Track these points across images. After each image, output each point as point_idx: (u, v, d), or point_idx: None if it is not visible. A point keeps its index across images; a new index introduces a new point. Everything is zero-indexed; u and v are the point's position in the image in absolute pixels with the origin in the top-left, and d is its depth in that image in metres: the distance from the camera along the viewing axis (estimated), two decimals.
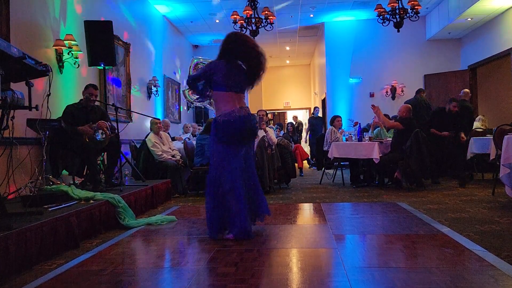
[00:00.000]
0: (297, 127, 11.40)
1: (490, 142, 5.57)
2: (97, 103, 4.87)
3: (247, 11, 7.27)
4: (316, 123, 11.17)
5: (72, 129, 4.41)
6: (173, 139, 7.30)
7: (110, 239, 3.28)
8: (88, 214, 3.34)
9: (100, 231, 3.48)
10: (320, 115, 11.62)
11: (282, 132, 10.21)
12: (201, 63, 6.29)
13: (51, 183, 3.97)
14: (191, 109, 11.49)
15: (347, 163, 7.05)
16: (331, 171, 8.00)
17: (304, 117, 15.90)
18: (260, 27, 7.41)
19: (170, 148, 6.36)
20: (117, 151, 4.79)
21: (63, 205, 3.33)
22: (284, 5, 9.22)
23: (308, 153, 10.30)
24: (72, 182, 4.36)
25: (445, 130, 6.21)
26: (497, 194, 4.91)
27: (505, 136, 4.22)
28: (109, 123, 4.69)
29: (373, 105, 6.26)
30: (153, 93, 8.46)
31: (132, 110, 6.92)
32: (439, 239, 2.94)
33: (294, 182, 7.14)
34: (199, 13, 9.48)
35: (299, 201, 5.09)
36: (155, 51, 8.93)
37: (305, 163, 10.34)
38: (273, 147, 6.04)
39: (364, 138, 6.55)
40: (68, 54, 5.24)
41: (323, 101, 11.77)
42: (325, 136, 7.09)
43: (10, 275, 2.35)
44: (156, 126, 6.23)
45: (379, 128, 7.23)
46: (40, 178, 3.82)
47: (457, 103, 6.39)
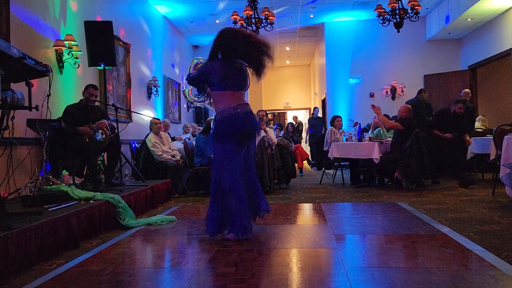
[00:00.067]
0: (297, 127, 11.40)
1: (490, 142, 5.57)
2: (97, 103, 4.88)
3: (247, 12, 7.28)
4: (315, 123, 11.17)
5: (72, 129, 4.41)
6: (173, 139, 7.31)
7: (110, 239, 3.28)
8: (88, 214, 3.34)
9: (100, 231, 3.48)
10: (320, 115, 11.62)
11: (282, 132, 10.21)
12: (201, 63, 6.31)
13: (51, 183, 3.97)
14: (191, 109, 11.49)
15: (347, 163, 7.05)
16: (331, 171, 8.00)
17: (304, 117, 15.90)
18: (260, 27, 7.41)
19: (170, 148, 6.36)
20: (117, 151, 4.79)
21: (63, 205, 3.34)
22: (283, 9, 9.23)
23: (308, 153, 10.29)
24: (72, 182, 4.36)
25: (448, 131, 6.13)
26: (497, 194, 4.91)
27: (505, 136, 4.22)
28: (109, 123, 4.70)
29: (373, 105, 6.28)
30: (153, 93, 8.46)
31: (132, 110, 6.92)
32: (439, 239, 2.93)
33: (294, 182, 7.14)
34: (199, 13, 9.49)
35: (299, 201, 5.09)
36: (155, 51, 8.93)
37: (305, 163, 10.34)
38: (273, 147, 6.04)
39: (364, 138, 6.56)
40: (68, 54, 5.25)
41: (323, 101, 11.78)
42: (325, 136, 7.09)
43: (10, 275, 2.35)
44: (156, 126, 6.23)
45: (379, 128, 7.23)
46: (40, 178, 3.82)
47: (463, 105, 6.24)
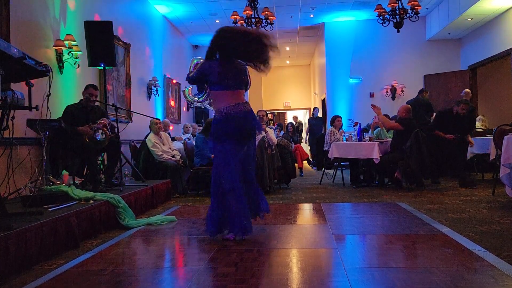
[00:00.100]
0: (297, 127, 11.40)
1: (490, 142, 5.58)
2: (97, 103, 4.88)
3: (247, 11, 7.28)
4: (315, 124, 11.17)
5: (72, 129, 4.41)
6: (173, 139, 7.30)
7: (110, 239, 3.28)
8: (88, 214, 3.34)
9: (100, 231, 3.48)
10: (319, 115, 11.62)
11: (282, 132, 10.21)
12: (201, 63, 6.29)
13: (51, 183, 3.97)
14: (191, 109, 11.49)
15: (347, 163, 7.05)
16: (331, 171, 8.00)
17: (304, 117, 15.90)
18: (260, 27, 7.41)
19: (170, 148, 6.36)
20: (117, 151, 4.79)
21: (63, 205, 3.33)
22: (283, 9, 9.24)
23: (308, 153, 10.30)
24: (72, 182, 4.36)
25: (449, 132, 6.06)
26: (497, 194, 4.91)
27: (505, 136, 4.22)
28: (109, 121, 4.70)
29: (373, 105, 6.26)
30: (153, 93, 8.46)
31: (132, 110, 6.91)
32: (439, 239, 2.93)
33: (294, 182, 7.14)
34: (199, 13, 9.49)
35: (299, 201, 5.09)
36: (155, 51, 8.93)
37: (305, 163, 10.34)
38: (273, 147, 6.04)
39: (364, 138, 6.56)
40: (68, 54, 5.24)
41: (323, 101, 11.78)
42: (325, 136, 7.09)
43: (10, 275, 2.35)
44: (156, 126, 6.23)
45: (379, 128, 7.24)
46: (40, 178, 3.82)
47: (465, 106, 6.11)
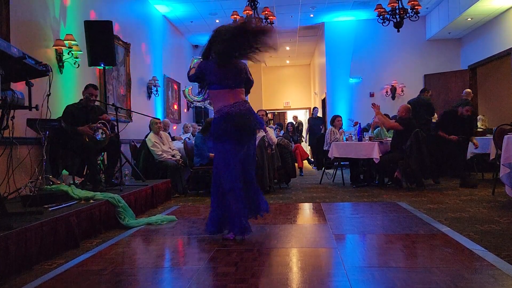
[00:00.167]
0: (297, 127, 11.41)
1: (490, 142, 5.57)
2: (97, 103, 4.88)
3: (247, 11, 7.27)
4: (314, 123, 11.18)
5: (72, 129, 4.41)
6: (172, 139, 7.30)
7: (110, 239, 3.28)
8: (88, 214, 3.35)
9: (100, 231, 3.48)
10: (319, 115, 11.62)
11: (282, 132, 10.21)
12: None
13: (51, 183, 3.97)
14: (191, 108, 11.49)
15: (347, 163, 7.05)
16: (331, 171, 8.00)
17: (304, 117, 15.90)
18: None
19: (170, 148, 6.36)
20: (117, 151, 4.79)
21: (63, 205, 3.34)
22: (282, 9, 9.23)
23: (308, 153, 10.30)
24: (72, 182, 4.36)
25: (453, 133, 6.03)
26: (497, 193, 4.91)
27: (505, 136, 4.22)
28: (109, 122, 4.70)
29: (374, 104, 6.25)
30: (153, 93, 8.46)
31: (132, 110, 6.91)
32: (439, 239, 2.94)
33: (294, 182, 7.14)
34: (199, 13, 9.48)
35: (299, 201, 5.09)
36: (155, 51, 8.93)
37: (306, 162, 10.34)
38: (273, 147, 6.04)
39: (364, 138, 6.55)
40: (68, 54, 5.24)
41: (323, 101, 11.78)
42: (325, 136, 7.10)
43: (10, 274, 2.35)
44: (156, 126, 6.23)
45: (379, 128, 7.23)
46: (40, 178, 3.82)
47: (470, 108, 6.07)
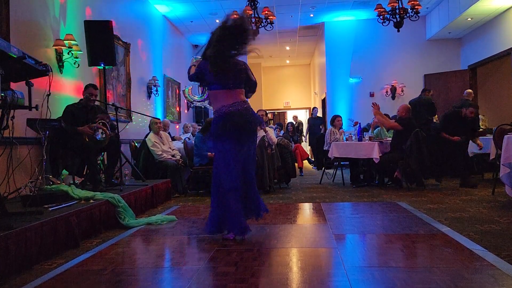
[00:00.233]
0: (297, 127, 11.41)
1: (490, 141, 5.57)
2: (97, 103, 4.87)
3: (247, 11, 7.26)
4: (314, 124, 11.18)
5: (72, 129, 4.41)
6: (172, 139, 7.30)
7: (110, 239, 3.28)
8: (88, 213, 3.35)
9: (100, 230, 3.48)
10: (319, 115, 11.62)
11: (282, 132, 10.22)
12: None
13: (51, 183, 3.97)
14: (191, 108, 11.49)
15: (347, 163, 7.04)
16: (331, 171, 8.00)
17: (304, 117, 15.90)
18: (260, 27, 7.40)
19: (170, 147, 6.36)
20: (117, 151, 4.79)
21: (63, 205, 3.34)
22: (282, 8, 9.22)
23: (308, 153, 10.30)
24: (72, 181, 4.36)
25: (456, 134, 5.97)
26: (497, 193, 4.91)
27: (505, 135, 4.22)
28: (109, 121, 4.70)
29: (374, 103, 6.22)
30: (153, 93, 8.46)
31: (132, 110, 6.92)
32: (439, 239, 2.94)
33: (294, 181, 7.14)
34: (199, 12, 9.48)
35: (299, 200, 5.09)
36: (155, 51, 8.92)
37: (306, 162, 10.34)
38: (273, 147, 6.04)
39: (364, 138, 6.55)
40: (68, 54, 5.24)
41: (323, 101, 11.78)
42: (325, 136, 7.10)
43: (10, 274, 2.35)
44: (156, 126, 6.23)
45: (379, 127, 7.23)
46: (40, 177, 3.82)
47: (474, 109, 5.99)
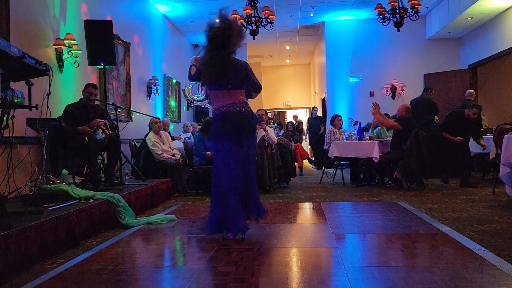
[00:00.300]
0: (297, 126, 11.41)
1: (490, 141, 5.57)
2: (97, 102, 4.87)
3: (247, 10, 7.27)
4: (314, 123, 11.17)
5: (72, 128, 4.41)
6: (172, 139, 7.30)
7: (110, 238, 3.28)
8: (88, 213, 3.35)
9: (100, 230, 3.48)
10: (319, 114, 11.61)
11: (282, 131, 10.21)
12: None
13: (51, 182, 3.97)
14: (191, 108, 11.48)
15: (347, 162, 7.04)
16: (331, 171, 8.00)
17: (304, 117, 15.90)
18: (260, 26, 7.40)
19: (170, 147, 6.36)
20: (117, 150, 4.78)
21: (63, 204, 3.33)
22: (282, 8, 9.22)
23: (308, 152, 10.30)
24: (72, 181, 4.36)
25: (458, 134, 5.93)
26: (497, 193, 4.91)
27: (505, 135, 4.22)
28: (109, 121, 4.70)
29: (374, 103, 6.21)
30: (153, 93, 8.46)
31: (132, 109, 6.92)
32: (439, 238, 2.94)
33: (294, 181, 7.14)
34: (199, 12, 9.47)
35: (299, 200, 5.09)
36: (155, 50, 8.92)
37: (306, 162, 10.33)
38: (273, 146, 6.04)
39: (364, 137, 6.55)
40: (68, 53, 5.24)
41: (323, 101, 11.77)
42: (325, 135, 7.10)
43: (10, 274, 2.35)
44: (156, 125, 6.22)
45: (380, 127, 7.23)
46: (40, 177, 3.81)
47: (477, 110, 5.93)
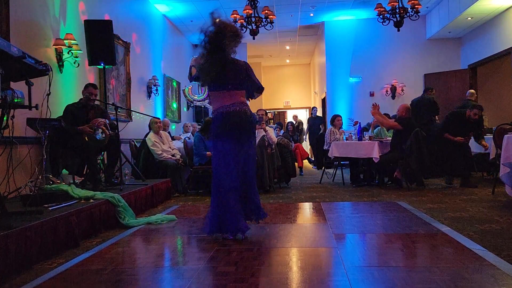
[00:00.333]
0: (297, 126, 11.41)
1: (490, 141, 5.57)
2: (97, 102, 4.87)
3: (247, 10, 7.27)
4: (313, 123, 11.18)
5: (72, 128, 4.41)
6: (172, 139, 7.30)
7: (110, 238, 3.28)
8: (88, 213, 3.35)
9: (100, 230, 3.48)
10: (319, 114, 11.61)
11: (282, 131, 10.21)
12: None
13: (51, 182, 3.97)
14: (191, 108, 11.48)
15: (347, 163, 7.04)
16: (331, 171, 8.00)
17: (304, 117, 15.90)
18: (260, 26, 7.40)
19: (170, 147, 6.36)
20: (117, 150, 4.78)
21: (63, 204, 3.33)
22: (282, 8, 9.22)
23: (308, 152, 10.30)
24: (72, 181, 4.36)
25: (458, 134, 5.90)
26: (497, 193, 4.91)
27: (505, 135, 4.22)
28: (109, 121, 4.70)
29: (374, 104, 6.21)
30: (153, 92, 8.46)
31: (132, 109, 6.92)
32: (439, 238, 2.94)
33: (294, 181, 7.14)
34: (199, 12, 9.47)
35: (299, 200, 5.09)
36: (155, 50, 8.92)
37: (306, 162, 10.33)
38: (273, 146, 6.04)
39: (364, 137, 6.55)
40: (68, 53, 5.24)
41: (323, 101, 11.77)
42: (325, 136, 7.10)
43: (10, 274, 2.35)
44: (156, 125, 6.22)
45: (380, 127, 7.23)
46: (40, 177, 3.81)
47: (478, 111, 5.87)
